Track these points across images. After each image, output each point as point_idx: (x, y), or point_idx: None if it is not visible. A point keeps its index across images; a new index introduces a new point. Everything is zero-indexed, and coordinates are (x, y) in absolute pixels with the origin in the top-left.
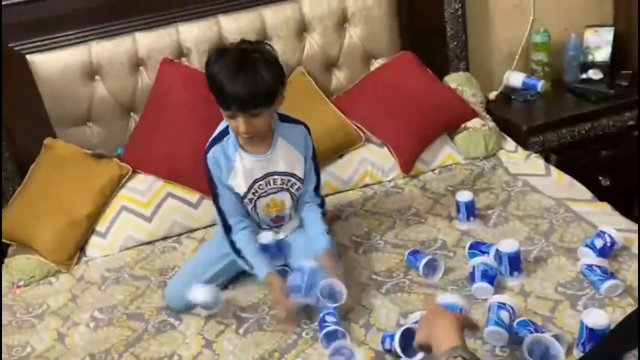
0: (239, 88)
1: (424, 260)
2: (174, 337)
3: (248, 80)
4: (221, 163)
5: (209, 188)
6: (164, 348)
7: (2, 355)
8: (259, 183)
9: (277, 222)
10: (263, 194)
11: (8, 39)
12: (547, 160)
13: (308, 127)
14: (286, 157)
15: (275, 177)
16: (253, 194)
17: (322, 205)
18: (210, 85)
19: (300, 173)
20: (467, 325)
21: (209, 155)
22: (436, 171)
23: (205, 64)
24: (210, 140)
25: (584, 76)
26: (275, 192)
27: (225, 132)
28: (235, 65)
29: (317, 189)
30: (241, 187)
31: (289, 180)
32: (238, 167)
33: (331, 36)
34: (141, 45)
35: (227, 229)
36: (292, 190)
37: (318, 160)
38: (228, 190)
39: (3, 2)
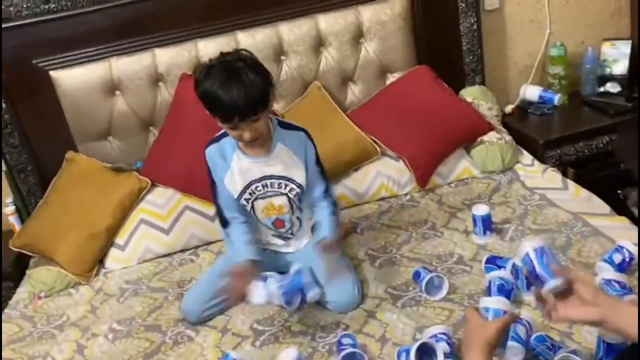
0: (235, 96)
1: (425, 280)
2: (191, 349)
3: (240, 88)
4: (218, 161)
5: (210, 185)
6: None
7: None
8: (256, 185)
9: (279, 227)
10: (260, 196)
11: (32, 56)
12: (565, 174)
13: (309, 134)
14: (284, 161)
15: (272, 180)
16: (250, 194)
17: (334, 205)
18: (207, 103)
19: (298, 178)
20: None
21: (207, 152)
22: (452, 185)
23: (195, 86)
24: (211, 139)
25: (601, 89)
26: (273, 196)
27: (225, 133)
28: (226, 76)
29: (326, 191)
30: (237, 187)
31: (286, 185)
32: (235, 167)
33: (347, 51)
34: (160, 61)
35: (224, 224)
36: (290, 195)
37: (323, 164)
38: (226, 188)
39: (28, 20)
